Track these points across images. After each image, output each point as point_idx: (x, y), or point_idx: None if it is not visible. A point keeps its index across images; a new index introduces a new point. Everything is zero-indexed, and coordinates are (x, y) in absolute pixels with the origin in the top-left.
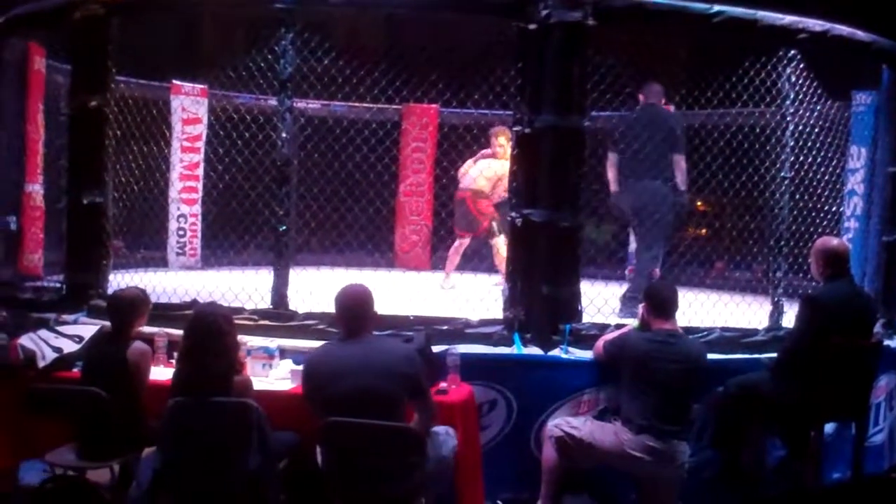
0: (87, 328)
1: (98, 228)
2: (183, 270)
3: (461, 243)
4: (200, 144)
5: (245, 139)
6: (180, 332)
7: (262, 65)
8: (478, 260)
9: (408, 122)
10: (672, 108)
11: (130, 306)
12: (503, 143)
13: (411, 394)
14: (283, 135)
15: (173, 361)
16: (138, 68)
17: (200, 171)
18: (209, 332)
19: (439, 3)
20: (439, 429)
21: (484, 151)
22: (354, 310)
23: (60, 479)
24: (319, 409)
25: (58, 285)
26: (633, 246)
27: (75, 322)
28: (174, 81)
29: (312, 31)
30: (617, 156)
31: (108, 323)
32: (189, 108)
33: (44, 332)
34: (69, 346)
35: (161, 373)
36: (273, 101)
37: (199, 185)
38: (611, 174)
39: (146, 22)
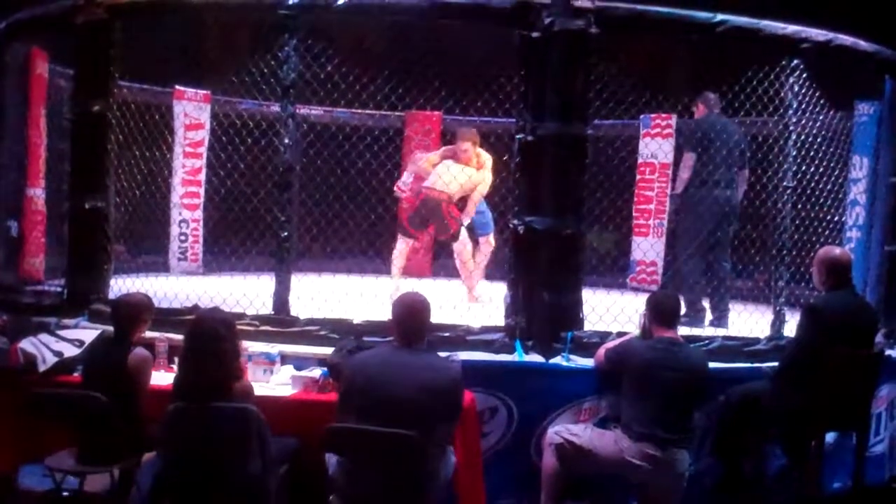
0: (88, 332)
1: (100, 233)
2: (184, 275)
3: (407, 244)
4: (203, 150)
5: (248, 145)
6: (181, 336)
7: (265, 70)
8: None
9: (410, 129)
10: None
11: (134, 312)
12: (467, 147)
13: (448, 415)
14: (286, 140)
15: (174, 366)
16: (142, 73)
17: (203, 177)
18: (210, 338)
19: (443, 10)
20: None
21: (447, 148)
22: (412, 319)
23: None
24: (352, 410)
25: (59, 290)
26: (637, 254)
27: (76, 326)
28: (177, 87)
29: (316, 37)
30: (695, 157)
31: (109, 327)
32: (192, 113)
33: (44, 337)
34: (70, 351)
35: (162, 377)
36: (276, 108)
37: (202, 191)
38: (685, 175)
39: (150, 27)
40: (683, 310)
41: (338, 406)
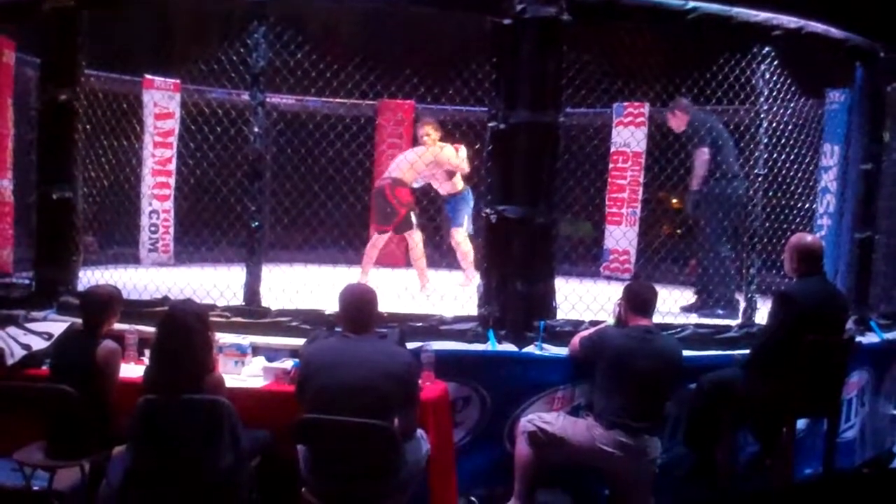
0: (57, 325)
1: (68, 224)
2: (155, 267)
3: (378, 238)
4: (173, 140)
5: (217, 134)
6: (151, 329)
7: (234, 59)
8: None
9: (383, 117)
10: None
11: (103, 304)
12: (430, 131)
13: (404, 399)
14: (256, 129)
15: (144, 359)
16: (111, 62)
17: (173, 167)
18: (182, 329)
19: None
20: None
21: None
22: (358, 308)
23: None
24: (309, 399)
25: (27, 282)
26: (610, 243)
27: (45, 319)
28: (146, 76)
29: (287, 25)
30: (708, 151)
31: (78, 320)
32: (161, 102)
33: (12, 330)
34: (38, 344)
35: (131, 370)
36: (246, 96)
37: (172, 181)
38: (701, 172)
39: (118, 15)
40: (720, 303)
41: (295, 395)
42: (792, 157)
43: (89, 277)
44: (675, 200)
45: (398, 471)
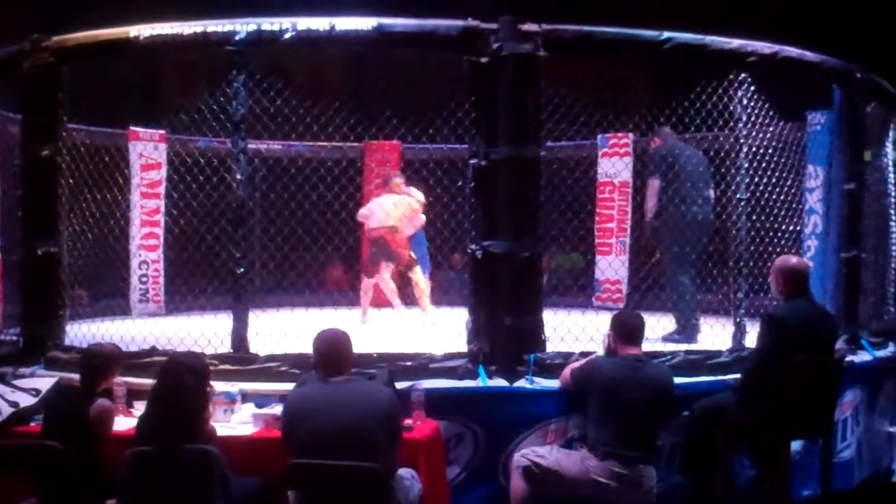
0: (44, 381)
1: (53, 279)
2: (146, 317)
3: (378, 278)
4: (160, 190)
5: (203, 182)
6: (139, 380)
7: (215, 108)
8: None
9: (370, 158)
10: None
11: (104, 363)
12: (399, 181)
13: (391, 438)
14: (238, 176)
15: (133, 410)
16: (95, 116)
17: (161, 217)
18: (182, 380)
19: (391, 38)
20: (404, 472)
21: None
22: (332, 353)
23: None
24: (296, 447)
25: (15, 338)
26: (601, 273)
27: (32, 375)
28: (131, 127)
29: (271, 71)
30: (659, 183)
31: (66, 375)
32: (148, 153)
33: (0, 388)
34: (26, 400)
35: (120, 422)
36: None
37: (161, 231)
38: (652, 202)
39: (100, 69)
40: (676, 327)
41: (282, 443)
42: (774, 180)
43: (80, 331)
44: None
45: None
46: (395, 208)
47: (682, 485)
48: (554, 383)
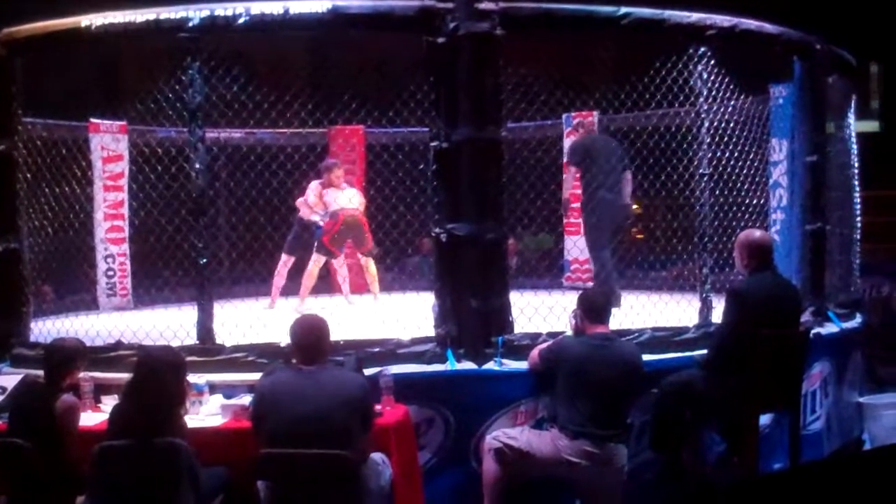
0: (10, 378)
1: (15, 275)
2: (115, 311)
3: (319, 263)
4: (123, 182)
5: (165, 173)
6: (106, 375)
7: (171, 97)
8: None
9: (335, 144)
10: None
11: (67, 357)
12: (339, 174)
13: (363, 425)
14: (197, 166)
15: (101, 406)
16: (55, 108)
17: (126, 209)
18: (158, 375)
19: (346, 20)
20: (375, 457)
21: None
22: (310, 340)
23: None
24: (267, 436)
25: None
26: (570, 254)
27: None
28: (91, 119)
29: (230, 58)
30: (573, 173)
31: (31, 371)
32: (109, 145)
33: None
34: None
35: (88, 418)
36: None
37: (126, 224)
38: (566, 195)
39: (57, 61)
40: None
41: (253, 431)
42: (738, 154)
43: (47, 327)
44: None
45: (361, 500)
46: (356, 196)
47: (653, 461)
48: (522, 365)
